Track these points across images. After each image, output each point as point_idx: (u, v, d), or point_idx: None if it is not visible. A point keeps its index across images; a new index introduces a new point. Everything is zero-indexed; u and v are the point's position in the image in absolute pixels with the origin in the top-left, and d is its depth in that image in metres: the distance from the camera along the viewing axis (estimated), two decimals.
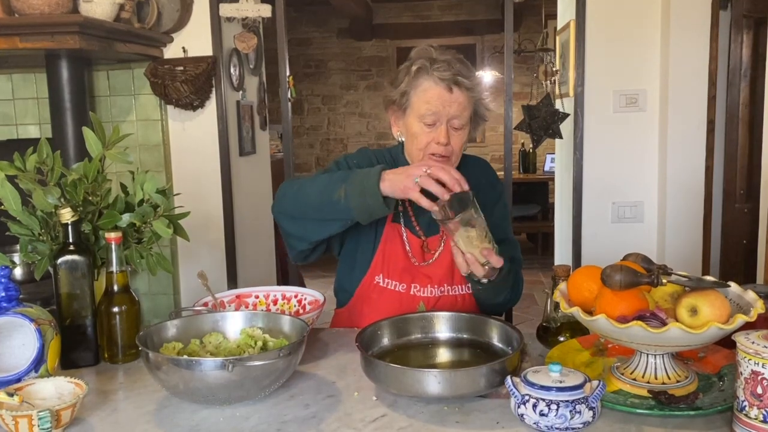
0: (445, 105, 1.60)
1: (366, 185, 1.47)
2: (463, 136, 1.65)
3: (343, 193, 1.49)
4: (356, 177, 1.50)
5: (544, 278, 5.61)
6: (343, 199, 1.48)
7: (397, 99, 1.66)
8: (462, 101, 1.61)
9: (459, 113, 1.61)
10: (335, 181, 1.52)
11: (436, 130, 1.62)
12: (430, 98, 1.60)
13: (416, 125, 1.64)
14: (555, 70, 3.89)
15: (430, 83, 1.61)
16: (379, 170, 1.48)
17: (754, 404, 1.02)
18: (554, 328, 1.49)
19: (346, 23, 7.89)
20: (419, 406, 1.21)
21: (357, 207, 1.48)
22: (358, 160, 1.73)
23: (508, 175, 3.37)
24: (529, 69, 7.27)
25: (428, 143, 1.63)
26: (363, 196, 1.46)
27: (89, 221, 1.57)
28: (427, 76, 1.61)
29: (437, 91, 1.60)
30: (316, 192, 1.55)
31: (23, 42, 2.48)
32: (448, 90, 1.59)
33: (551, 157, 6.51)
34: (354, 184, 1.48)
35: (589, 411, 1.09)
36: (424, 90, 1.62)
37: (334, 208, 1.51)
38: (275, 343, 1.37)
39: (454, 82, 1.59)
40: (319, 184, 1.56)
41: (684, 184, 3.03)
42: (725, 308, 1.14)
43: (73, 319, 1.46)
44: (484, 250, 1.43)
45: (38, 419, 1.09)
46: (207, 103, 3.17)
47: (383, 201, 1.46)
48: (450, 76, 1.59)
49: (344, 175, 1.53)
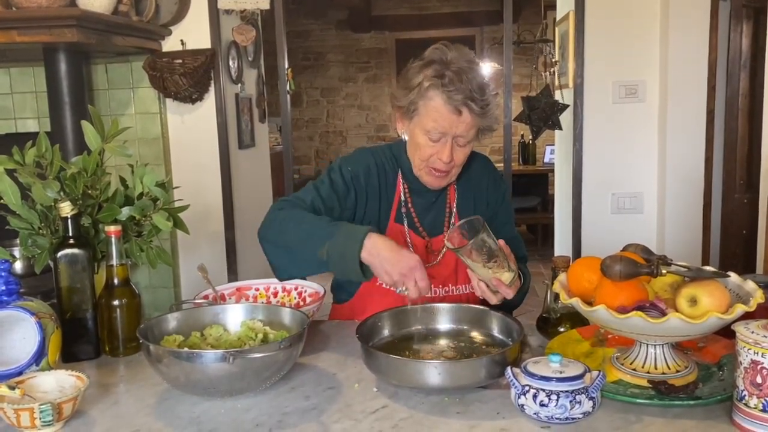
0: (453, 126, 1.55)
1: (347, 252, 1.40)
2: (467, 150, 1.62)
3: (324, 252, 1.43)
4: (340, 239, 1.43)
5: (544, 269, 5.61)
6: (325, 257, 1.43)
7: (405, 105, 1.61)
8: (470, 122, 1.56)
9: (465, 132, 1.57)
10: (320, 236, 1.46)
11: (441, 146, 1.58)
12: (437, 117, 1.55)
13: (421, 137, 1.60)
14: (554, 61, 3.88)
15: (440, 101, 1.54)
16: (362, 238, 1.40)
17: (754, 393, 1.03)
18: (554, 319, 1.49)
19: (344, 15, 7.87)
20: (420, 397, 1.22)
21: (335, 268, 1.44)
22: (353, 167, 1.68)
23: (507, 167, 3.37)
24: (529, 60, 7.24)
25: (431, 156, 1.60)
26: (343, 260, 1.41)
27: (89, 215, 1.56)
28: (438, 92, 1.54)
29: (445, 111, 1.54)
30: (299, 238, 1.50)
31: (21, 36, 2.47)
32: (457, 113, 1.54)
33: (551, 148, 6.50)
34: (336, 246, 1.42)
35: (589, 401, 1.09)
36: (433, 107, 1.55)
37: (313, 260, 1.46)
38: (276, 336, 1.37)
39: (465, 105, 1.53)
40: (303, 229, 1.50)
41: (683, 175, 3.03)
42: (725, 298, 1.14)
43: (74, 313, 1.46)
44: (494, 279, 1.42)
45: (40, 412, 1.09)
46: (206, 96, 3.16)
47: (361, 272, 1.41)
48: (461, 99, 1.52)
49: (329, 230, 1.46)
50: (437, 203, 1.73)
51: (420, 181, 1.68)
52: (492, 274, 1.42)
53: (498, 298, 1.46)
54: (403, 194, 1.70)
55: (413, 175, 1.69)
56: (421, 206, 1.72)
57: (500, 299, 1.47)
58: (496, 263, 1.41)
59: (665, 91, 3.00)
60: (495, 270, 1.41)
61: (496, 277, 1.41)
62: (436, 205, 1.73)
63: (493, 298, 1.46)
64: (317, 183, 1.66)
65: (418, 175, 1.67)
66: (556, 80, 3.76)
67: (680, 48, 2.95)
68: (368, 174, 1.68)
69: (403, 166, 1.71)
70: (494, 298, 1.46)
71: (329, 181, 1.65)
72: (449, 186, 1.74)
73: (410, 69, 1.62)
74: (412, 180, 1.70)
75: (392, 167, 1.71)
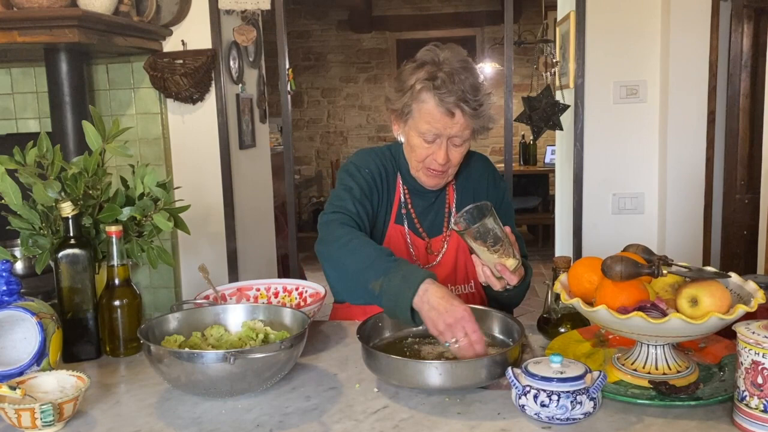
0: (447, 127, 1.56)
1: (400, 295, 1.34)
2: (463, 150, 1.63)
3: (378, 286, 1.38)
4: (396, 279, 1.36)
5: (545, 270, 5.61)
6: (377, 291, 1.39)
7: (399, 108, 1.62)
8: (464, 122, 1.56)
9: (460, 133, 1.57)
10: (377, 269, 1.40)
11: (436, 147, 1.59)
12: (431, 119, 1.55)
13: (416, 139, 1.61)
14: (555, 62, 3.88)
15: (433, 104, 1.54)
16: (418, 283, 1.33)
17: (755, 394, 1.03)
18: (555, 319, 1.49)
19: (345, 15, 7.87)
20: (421, 398, 1.22)
21: (386, 307, 1.39)
22: (368, 167, 1.68)
23: (508, 167, 3.37)
24: (530, 60, 7.24)
25: (427, 157, 1.61)
26: (395, 302, 1.36)
27: (90, 215, 1.57)
28: (430, 94, 1.54)
29: (438, 113, 1.54)
30: (357, 267, 1.45)
31: (22, 36, 2.48)
32: (450, 114, 1.54)
33: (552, 148, 6.51)
34: (391, 285, 1.36)
35: (590, 401, 1.09)
36: (426, 109, 1.55)
37: (365, 291, 1.42)
38: (276, 336, 1.37)
39: (457, 107, 1.53)
40: (362, 258, 1.45)
41: (684, 175, 3.03)
42: (726, 299, 1.14)
43: (75, 313, 1.46)
44: (499, 264, 1.42)
45: (41, 412, 1.09)
46: (206, 97, 3.16)
47: (411, 318, 1.35)
48: (453, 101, 1.52)
49: (388, 265, 1.40)
50: (436, 204, 1.73)
51: (418, 182, 1.69)
52: (497, 259, 1.43)
53: (501, 285, 1.47)
54: (403, 195, 1.71)
55: (412, 176, 1.69)
56: (421, 207, 1.72)
57: (503, 285, 1.47)
58: (501, 248, 1.42)
59: (666, 92, 3.00)
60: (500, 255, 1.42)
61: (500, 262, 1.42)
62: (436, 206, 1.73)
63: (497, 284, 1.47)
64: (346, 188, 1.64)
65: (416, 176, 1.67)
66: (557, 80, 3.76)
67: (681, 48, 2.95)
68: (380, 175, 1.69)
69: (402, 168, 1.71)
70: (498, 284, 1.47)
71: (356, 184, 1.65)
72: (448, 186, 1.74)
73: (403, 71, 1.62)
74: (411, 181, 1.70)
75: (392, 169, 1.72)
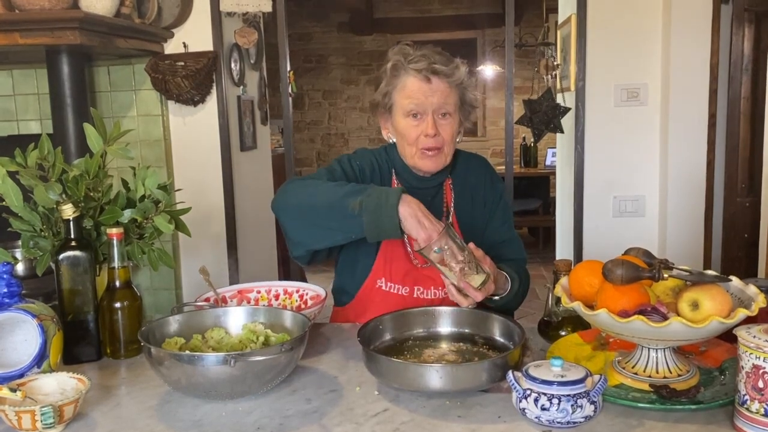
0: (427, 96, 1.60)
1: (384, 202, 1.41)
2: (452, 124, 1.64)
3: (358, 205, 1.42)
4: (375, 191, 1.44)
5: (546, 273, 5.61)
6: (357, 210, 1.42)
7: (381, 100, 1.67)
8: (443, 89, 1.61)
9: (443, 101, 1.61)
10: (351, 192, 1.46)
11: (423, 122, 1.62)
12: (411, 93, 1.61)
13: (403, 121, 1.64)
14: (556, 64, 3.88)
15: (409, 78, 1.61)
16: (400, 191, 1.44)
17: (756, 398, 1.03)
18: (556, 322, 1.49)
19: (346, 17, 7.87)
20: (421, 401, 1.22)
21: (369, 222, 1.42)
22: (360, 161, 1.72)
23: (509, 170, 3.37)
24: (531, 63, 7.25)
25: (417, 137, 1.63)
26: (378, 212, 1.41)
27: (91, 217, 1.57)
28: (405, 72, 1.62)
29: (416, 84, 1.61)
30: (328, 198, 1.49)
31: (23, 38, 2.48)
32: (427, 81, 1.60)
33: (552, 151, 6.51)
34: (371, 198, 1.43)
35: (591, 405, 1.09)
36: (403, 86, 1.62)
37: (344, 219, 1.44)
38: (277, 338, 1.37)
39: (432, 72, 1.59)
40: (331, 190, 1.50)
41: (685, 178, 3.03)
42: (726, 302, 1.14)
43: (75, 315, 1.46)
44: (462, 282, 1.40)
45: (41, 415, 1.09)
46: (208, 99, 3.16)
47: (398, 224, 1.40)
48: (426, 65, 1.59)
49: (362, 187, 1.49)
50: (434, 202, 1.73)
51: (417, 174, 1.70)
52: (459, 277, 1.40)
53: (468, 302, 1.43)
54: None
55: (407, 173, 1.71)
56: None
57: (471, 303, 1.43)
58: (464, 265, 1.40)
59: (667, 95, 3.00)
60: (463, 273, 1.40)
61: (463, 280, 1.40)
62: (433, 205, 1.73)
63: (462, 301, 1.43)
64: (329, 169, 1.69)
65: (413, 164, 1.68)
66: (558, 83, 3.76)
67: (682, 51, 2.95)
68: (372, 171, 1.72)
69: (397, 166, 1.73)
70: (464, 301, 1.43)
71: (340, 168, 1.69)
72: (445, 185, 1.74)
73: (380, 73, 1.70)
74: (407, 177, 1.71)
75: (386, 166, 1.74)
